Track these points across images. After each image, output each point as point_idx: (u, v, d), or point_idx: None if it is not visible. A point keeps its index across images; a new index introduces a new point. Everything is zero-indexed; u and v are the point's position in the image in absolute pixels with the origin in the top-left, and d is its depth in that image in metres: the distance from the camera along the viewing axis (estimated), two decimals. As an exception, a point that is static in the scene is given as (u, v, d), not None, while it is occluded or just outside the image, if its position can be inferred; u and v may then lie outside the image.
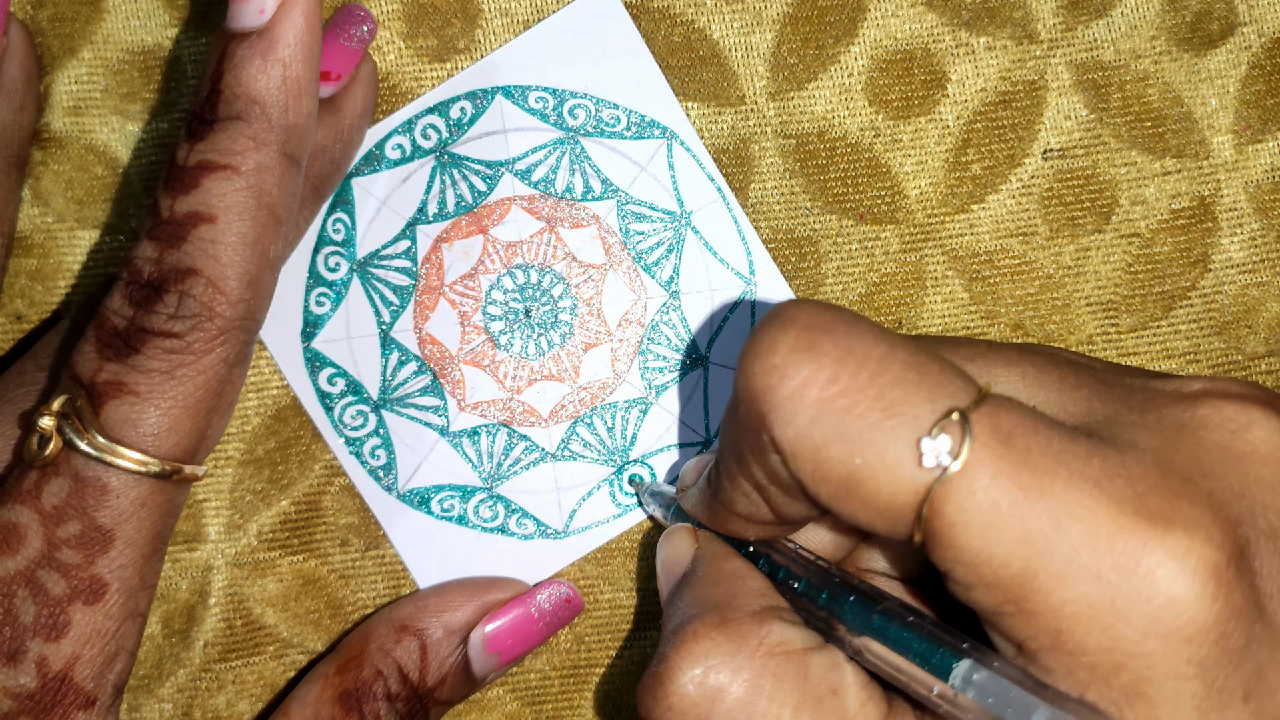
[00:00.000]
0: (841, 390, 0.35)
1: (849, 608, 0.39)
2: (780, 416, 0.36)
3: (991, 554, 0.34)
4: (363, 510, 0.50)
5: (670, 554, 0.45)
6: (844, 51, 0.50)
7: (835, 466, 0.35)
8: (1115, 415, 0.38)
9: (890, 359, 0.36)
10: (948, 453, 0.34)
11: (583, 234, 0.50)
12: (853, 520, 0.36)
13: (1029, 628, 0.35)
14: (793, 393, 0.36)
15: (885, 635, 0.38)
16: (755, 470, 0.38)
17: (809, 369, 0.36)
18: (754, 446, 0.37)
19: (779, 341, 0.36)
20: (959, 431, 0.34)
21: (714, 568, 0.43)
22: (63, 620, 0.42)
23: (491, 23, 0.50)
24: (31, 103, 0.48)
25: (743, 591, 0.41)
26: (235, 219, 0.42)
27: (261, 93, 0.42)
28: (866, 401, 0.35)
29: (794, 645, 0.39)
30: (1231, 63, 0.50)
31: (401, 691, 0.47)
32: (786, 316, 0.37)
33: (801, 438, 0.36)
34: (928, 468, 0.35)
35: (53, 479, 0.41)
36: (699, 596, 0.41)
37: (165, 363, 0.42)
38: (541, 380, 0.50)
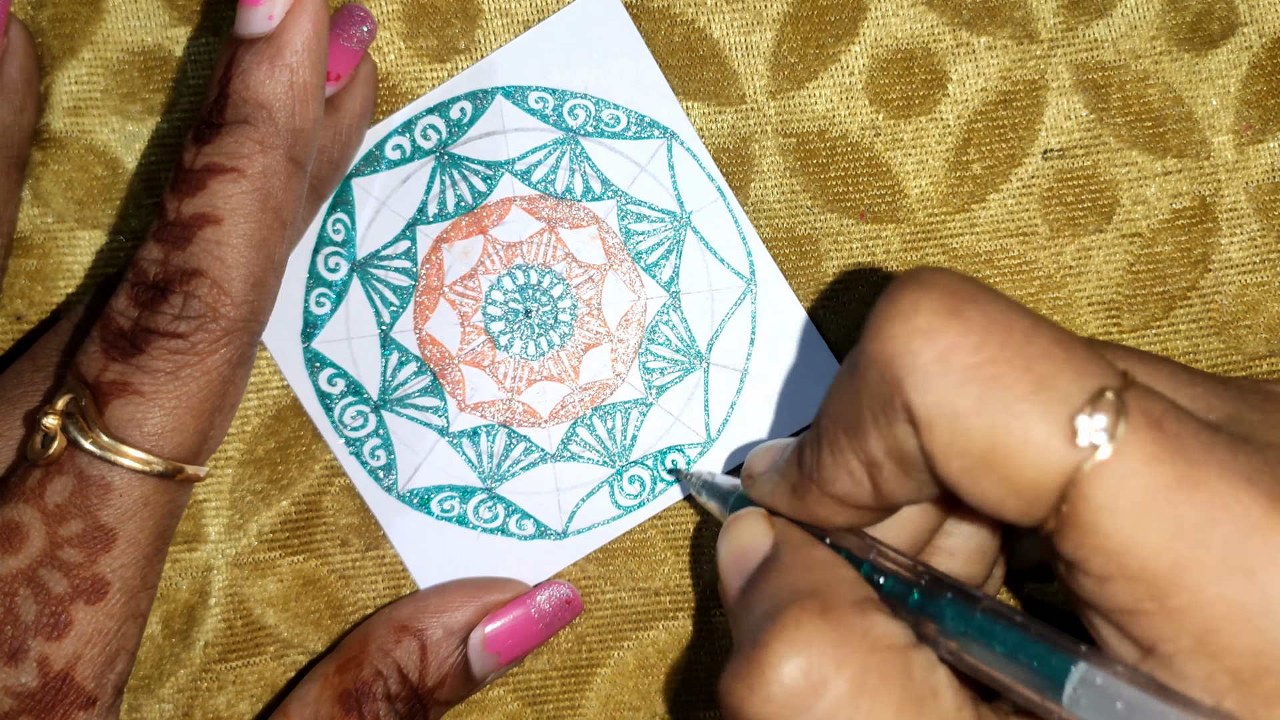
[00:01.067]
0: (988, 359, 0.34)
1: (948, 606, 0.37)
2: (920, 381, 0.34)
3: (1140, 544, 0.33)
4: (363, 510, 0.50)
5: (742, 540, 0.42)
6: (844, 51, 0.50)
7: (975, 438, 0.34)
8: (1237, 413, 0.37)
9: (1036, 334, 0.34)
10: (1102, 431, 0.33)
11: (583, 234, 0.50)
12: (979, 501, 0.35)
13: (1170, 627, 0.33)
14: (937, 357, 0.34)
15: (990, 636, 0.36)
16: (873, 442, 0.36)
17: (954, 334, 0.34)
18: (880, 414, 0.36)
19: (922, 303, 0.35)
20: (1114, 412, 0.33)
21: (802, 554, 0.40)
22: (64, 619, 0.42)
23: (491, 23, 0.50)
24: (32, 103, 0.48)
25: (839, 580, 0.39)
26: (241, 221, 0.42)
27: (269, 97, 0.42)
28: (1015, 373, 0.34)
29: (897, 640, 0.37)
30: (1232, 63, 0.50)
31: (401, 692, 0.47)
32: (927, 280, 0.35)
33: (941, 405, 0.34)
34: (1080, 447, 0.33)
35: (56, 478, 0.41)
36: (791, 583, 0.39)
37: (170, 363, 0.42)
38: (541, 381, 0.50)
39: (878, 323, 0.35)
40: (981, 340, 0.34)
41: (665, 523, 0.51)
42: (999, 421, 0.34)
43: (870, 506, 0.38)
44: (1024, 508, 0.34)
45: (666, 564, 0.51)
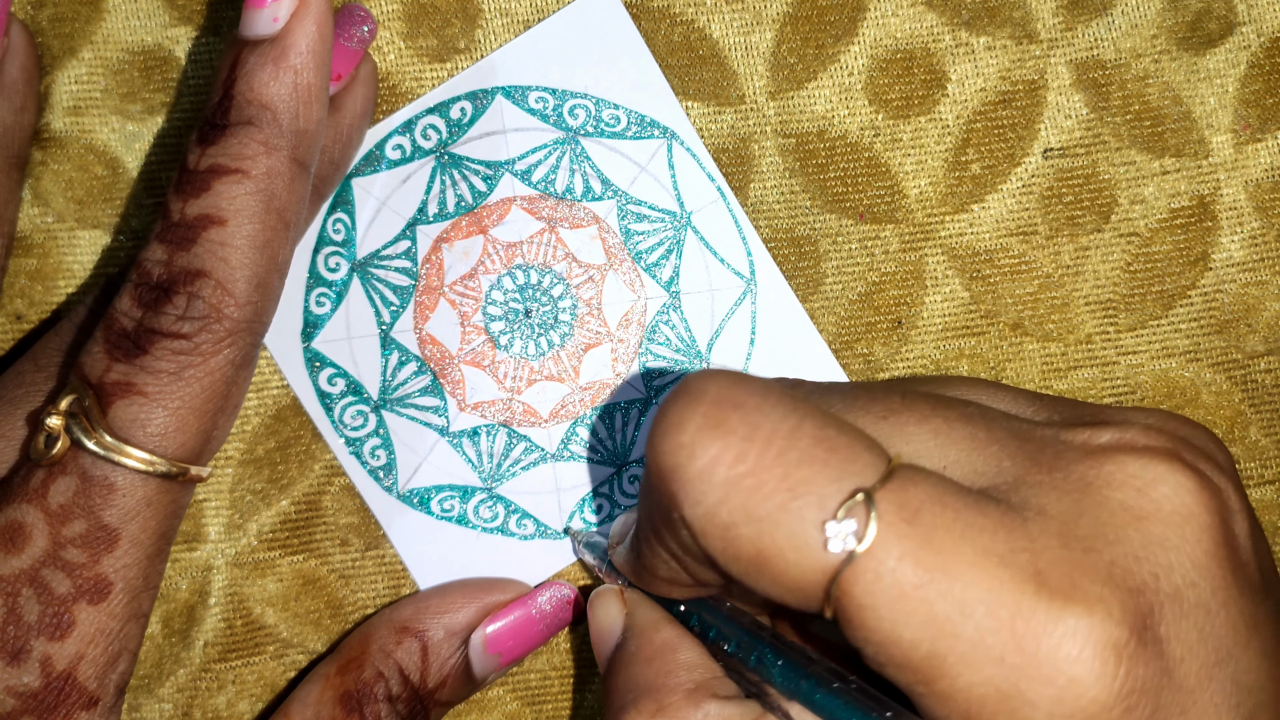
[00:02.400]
0: (749, 470, 0.35)
1: (778, 671, 0.39)
2: (689, 495, 0.36)
3: (900, 636, 0.34)
4: (363, 510, 0.50)
5: (600, 621, 0.45)
6: (844, 51, 0.50)
7: (745, 545, 0.35)
8: (1024, 475, 0.38)
9: (798, 434, 0.36)
10: (853, 535, 0.34)
11: (583, 234, 0.50)
12: (764, 594, 0.36)
13: (941, 708, 0.35)
14: (700, 472, 0.35)
15: (813, 700, 0.38)
16: (669, 542, 0.38)
17: (716, 447, 0.35)
18: (666, 521, 0.37)
19: (687, 419, 0.36)
20: (864, 513, 0.34)
21: (645, 641, 0.42)
22: (67, 619, 0.42)
23: (492, 23, 0.50)
24: (32, 103, 0.48)
25: (675, 668, 0.41)
26: (245, 222, 0.42)
27: (273, 99, 0.43)
28: (773, 481, 0.35)
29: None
30: (1231, 62, 0.50)
31: (402, 693, 0.47)
32: (696, 390, 0.37)
33: (710, 517, 0.36)
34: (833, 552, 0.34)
35: (59, 478, 0.42)
36: (633, 678, 0.41)
37: (173, 364, 0.42)
38: (541, 380, 0.50)
39: (652, 437, 0.37)
40: (742, 450, 0.35)
41: (665, 522, 0.51)
42: (762, 530, 0.35)
43: (694, 585, 0.40)
44: (803, 602, 0.36)
45: (666, 563, 0.51)
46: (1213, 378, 0.50)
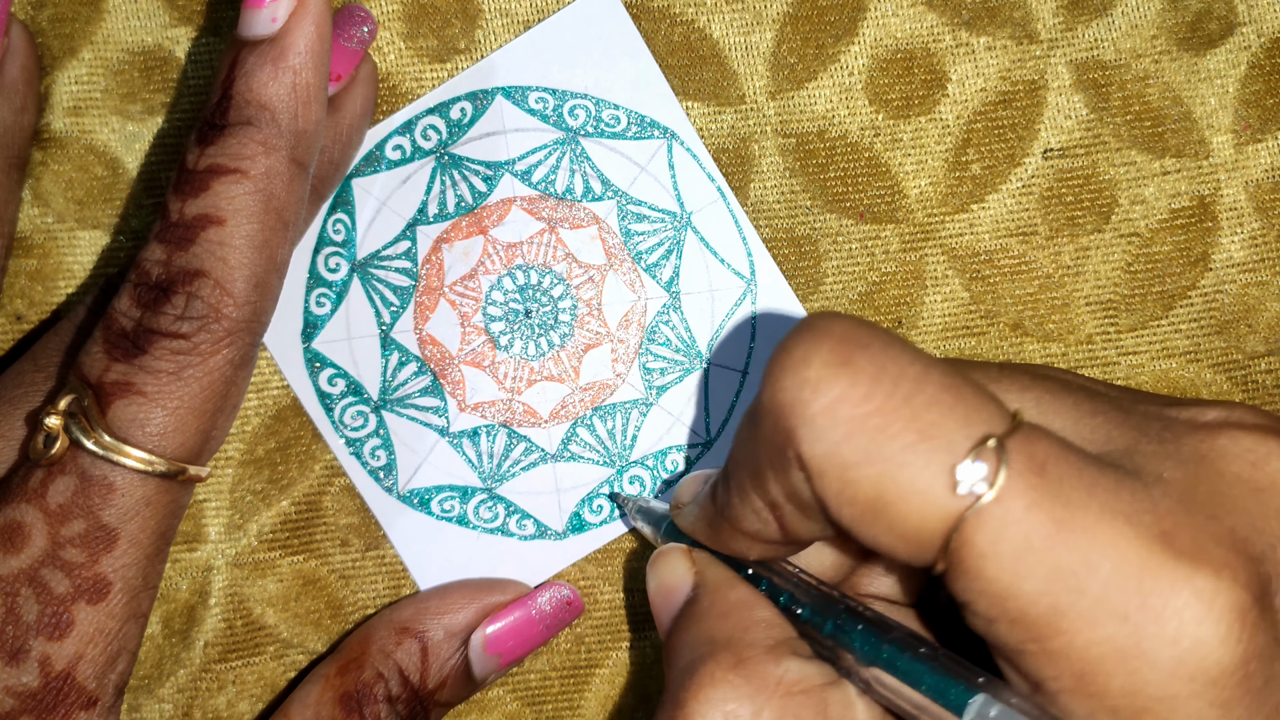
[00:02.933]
0: (876, 409, 0.34)
1: (858, 637, 0.38)
2: (810, 433, 0.35)
3: (1020, 589, 0.34)
4: (363, 511, 0.50)
5: (666, 578, 0.44)
6: (844, 51, 0.50)
7: (864, 487, 0.35)
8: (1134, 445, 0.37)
9: (925, 379, 0.35)
10: (983, 480, 0.34)
11: (583, 234, 0.50)
12: (873, 544, 0.36)
13: (1052, 667, 0.34)
14: (825, 408, 0.35)
15: (895, 667, 0.37)
16: (773, 487, 0.37)
17: (843, 385, 0.35)
18: (776, 462, 0.36)
19: (813, 354, 0.35)
20: (995, 460, 0.34)
21: (719, 597, 0.41)
22: (66, 619, 0.42)
23: (492, 23, 0.50)
24: (32, 103, 0.48)
25: (753, 624, 0.40)
26: (244, 222, 0.42)
27: (272, 99, 0.43)
28: (901, 422, 0.34)
29: (812, 682, 0.38)
30: (1231, 62, 0.50)
31: (402, 693, 0.47)
32: (820, 329, 0.36)
33: (831, 456, 0.35)
34: (961, 495, 0.34)
35: (58, 477, 0.42)
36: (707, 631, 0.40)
37: (172, 364, 0.42)
38: (542, 381, 0.50)
39: (772, 373, 0.36)
40: (870, 390, 0.35)
41: (665, 523, 0.51)
42: (885, 472, 0.34)
43: (779, 542, 0.39)
44: (913, 552, 0.35)
45: (666, 564, 0.51)
46: (1213, 378, 0.50)
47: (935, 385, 0.35)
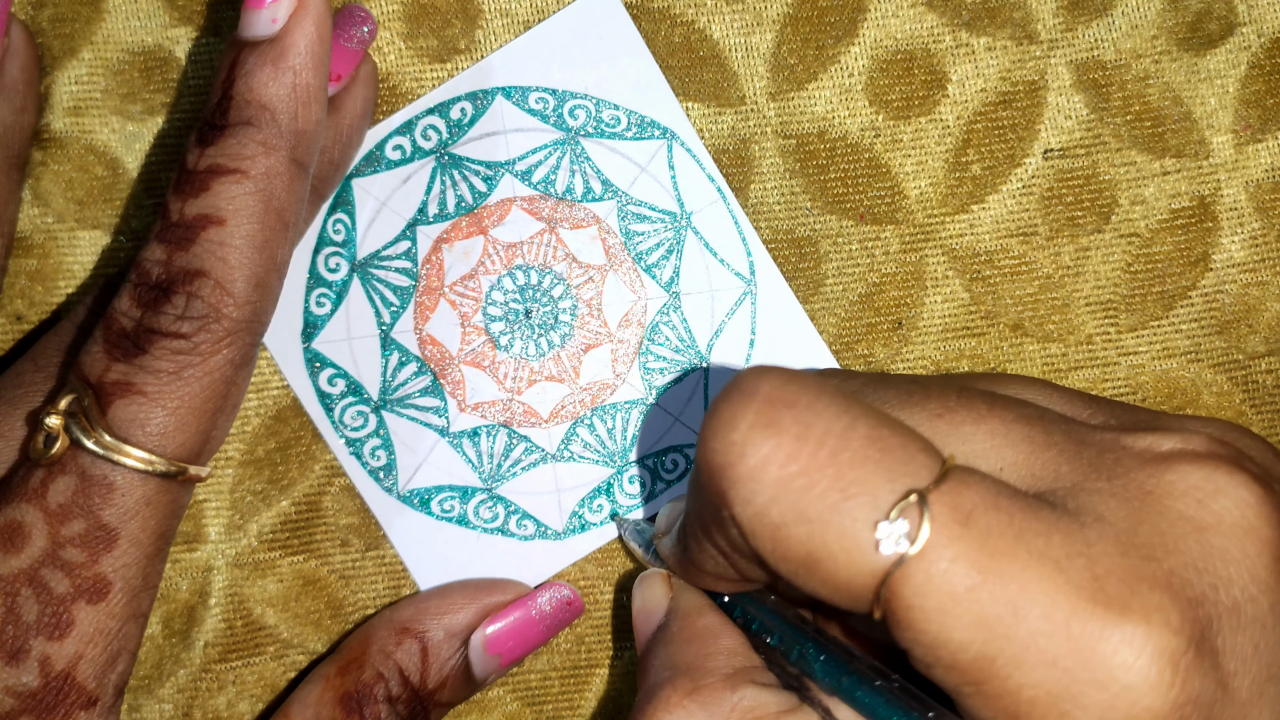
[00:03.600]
0: (801, 469, 0.35)
1: (819, 667, 0.39)
2: (739, 494, 0.36)
3: (949, 638, 0.34)
4: (363, 511, 0.50)
5: (645, 602, 0.45)
6: (844, 52, 0.50)
7: (795, 546, 0.35)
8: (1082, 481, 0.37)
9: (851, 434, 0.35)
10: (905, 536, 0.34)
11: (583, 235, 0.50)
12: (814, 595, 0.36)
13: (988, 709, 0.35)
14: (751, 471, 0.35)
15: (853, 697, 0.38)
16: (718, 539, 0.38)
17: (769, 447, 0.35)
18: (715, 519, 0.37)
19: (739, 417, 0.36)
20: (917, 514, 0.34)
21: (687, 624, 0.42)
22: (66, 619, 0.42)
23: (492, 23, 0.50)
24: (32, 103, 0.48)
25: (715, 651, 0.41)
26: (244, 222, 0.42)
27: (272, 99, 0.43)
28: (825, 481, 0.35)
29: (767, 710, 0.39)
30: (1231, 62, 0.50)
31: (402, 694, 0.47)
32: (748, 389, 0.36)
33: (760, 517, 0.36)
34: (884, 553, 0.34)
35: (59, 477, 0.42)
36: (672, 656, 0.41)
37: (172, 363, 0.42)
38: (542, 381, 0.50)
39: (703, 434, 0.37)
40: (794, 449, 0.35)
41: (665, 523, 0.51)
42: (813, 531, 0.35)
43: (740, 581, 0.40)
44: (851, 603, 0.36)
45: (666, 564, 0.51)
46: (1214, 378, 0.50)
47: (861, 439, 0.35)
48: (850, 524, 0.35)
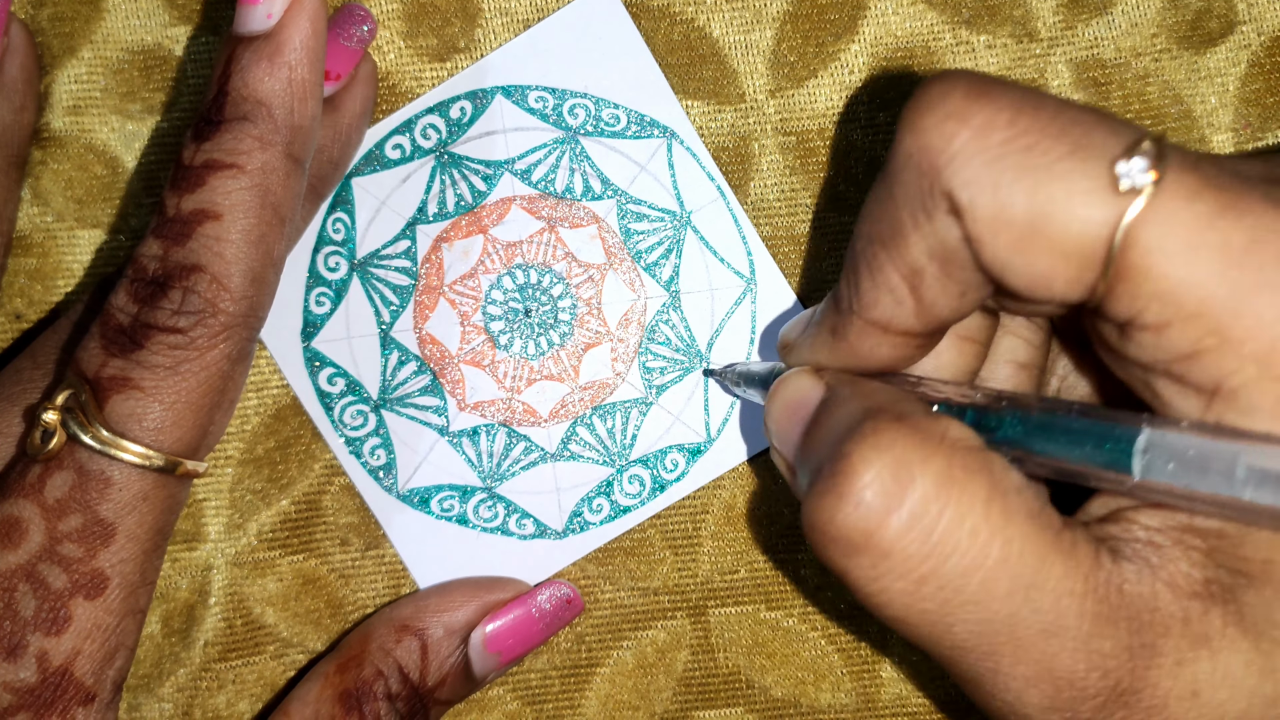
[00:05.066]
0: (1023, 130, 0.34)
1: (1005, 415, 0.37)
2: (958, 164, 0.35)
3: (1195, 278, 0.33)
4: (362, 510, 0.50)
5: (791, 395, 0.41)
6: (844, 49, 0.50)
7: (1019, 208, 0.34)
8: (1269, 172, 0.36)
9: (1065, 105, 0.35)
10: (1143, 173, 0.33)
11: (582, 234, 0.50)
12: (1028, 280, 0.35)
13: (1233, 359, 0.33)
14: (973, 136, 0.34)
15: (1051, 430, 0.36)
16: (915, 244, 0.36)
17: (987, 113, 0.34)
18: (921, 210, 0.36)
19: (951, 91, 0.35)
20: (1153, 154, 0.33)
21: (859, 387, 0.39)
22: (63, 615, 0.41)
23: (491, 22, 0.50)
24: (32, 102, 0.49)
25: (903, 398, 0.38)
26: (240, 217, 0.42)
27: (268, 95, 0.43)
28: (1050, 139, 0.34)
29: (972, 442, 0.36)
30: (1231, 61, 0.50)
31: (402, 691, 0.47)
32: (951, 76, 0.36)
33: (982, 181, 0.34)
34: (1123, 192, 0.33)
35: (56, 472, 0.42)
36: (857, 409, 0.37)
37: (169, 358, 0.42)
38: (541, 380, 0.50)
39: (909, 119, 0.35)
40: (1014, 115, 0.34)
41: (664, 522, 0.51)
42: (1040, 185, 0.34)
43: (911, 330, 0.38)
44: (1074, 273, 0.34)
45: (665, 564, 0.51)
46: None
47: (1076, 108, 0.35)
48: (1083, 170, 0.33)
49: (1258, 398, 0.33)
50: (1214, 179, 0.33)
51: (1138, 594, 0.35)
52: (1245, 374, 0.33)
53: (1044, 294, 0.35)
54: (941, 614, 0.35)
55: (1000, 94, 0.35)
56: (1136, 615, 0.35)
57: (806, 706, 0.51)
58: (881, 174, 0.37)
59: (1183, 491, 0.33)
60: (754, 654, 0.51)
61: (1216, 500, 0.33)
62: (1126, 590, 0.35)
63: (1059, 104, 0.35)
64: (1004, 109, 0.35)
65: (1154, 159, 0.33)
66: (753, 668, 0.51)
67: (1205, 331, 0.33)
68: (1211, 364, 0.34)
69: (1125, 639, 0.35)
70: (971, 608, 0.35)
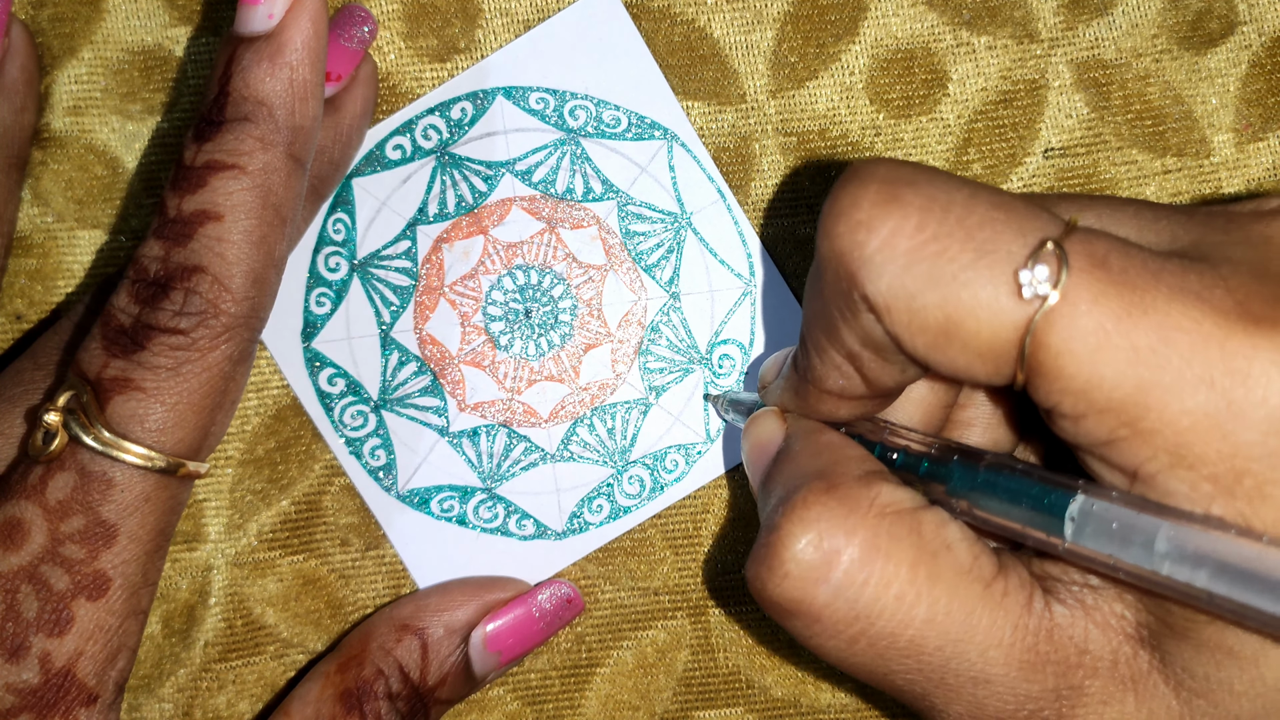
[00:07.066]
0: (930, 236, 0.35)
1: (955, 468, 0.39)
2: (871, 271, 0.35)
3: (1102, 377, 0.34)
4: (363, 510, 0.50)
5: (759, 436, 0.44)
6: (845, 50, 0.50)
7: (931, 314, 0.35)
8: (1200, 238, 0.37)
9: (974, 202, 0.35)
10: (1046, 281, 0.34)
11: (583, 235, 0.50)
12: (951, 370, 0.36)
13: (1146, 448, 0.34)
14: (881, 245, 0.35)
15: (994, 488, 0.37)
16: (847, 336, 0.38)
17: (895, 220, 0.35)
18: (845, 309, 0.37)
19: (861, 198, 0.36)
20: (1055, 260, 0.34)
21: (811, 441, 0.42)
22: (66, 616, 0.41)
23: (492, 23, 0.50)
24: (32, 103, 0.48)
25: (844, 459, 0.40)
26: (242, 217, 0.42)
27: (269, 95, 0.43)
28: (957, 245, 0.35)
29: (904, 504, 0.38)
30: (1232, 61, 0.50)
31: (402, 690, 0.47)
32: (864, 173, 0.36)
33: (894, 289, 0.35)
34: (1027, 300, 0.34)
35: (58, 474, 0.41)
36: (800, 468, 0.40)
37: (171, 359, 0.42)
38: (541, 381, 0.50)
39: (825, 224, 0.36)
40: (921, 220, 0.35)
41: (665, 522, 0.51)
42: (949, 294, 0.35)
43: (864, 396, 0.40)
44: (992, 368, 0.35)
45: (665, 563, 0.51)
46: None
47: (985, 205, 0.35)
48: (988, 279, 0.34)
49: (1173, 484, 0.34)
50: (1121, 276, 0.34)
51: (1068, 637, 0.37)
52: (1159, 462, 0.34)
53: (969, 381, 0.37)
54: (876, 665, 0.38)
55: (910, 196, 0.36)
56: (1064, 659, 0.37)
57: (806, 706, 0.51)
58: (813, 265, 0.38)
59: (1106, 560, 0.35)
60: (754, 654, 0.51)
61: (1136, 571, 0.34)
62: (1056, 635, 0.37)
63: (969, 200, 0.36)
64: (911, 214, 0.35)
65: (1057, 263, 0.34)
66: (753, 668, 0.51)
67: (1118, 424, 0.34)
68: (1128, 451, 0.35)
69: (1051, 683, 0.37)
70: (904, 660, 0.38)
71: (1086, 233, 0.35)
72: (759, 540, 0.38)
